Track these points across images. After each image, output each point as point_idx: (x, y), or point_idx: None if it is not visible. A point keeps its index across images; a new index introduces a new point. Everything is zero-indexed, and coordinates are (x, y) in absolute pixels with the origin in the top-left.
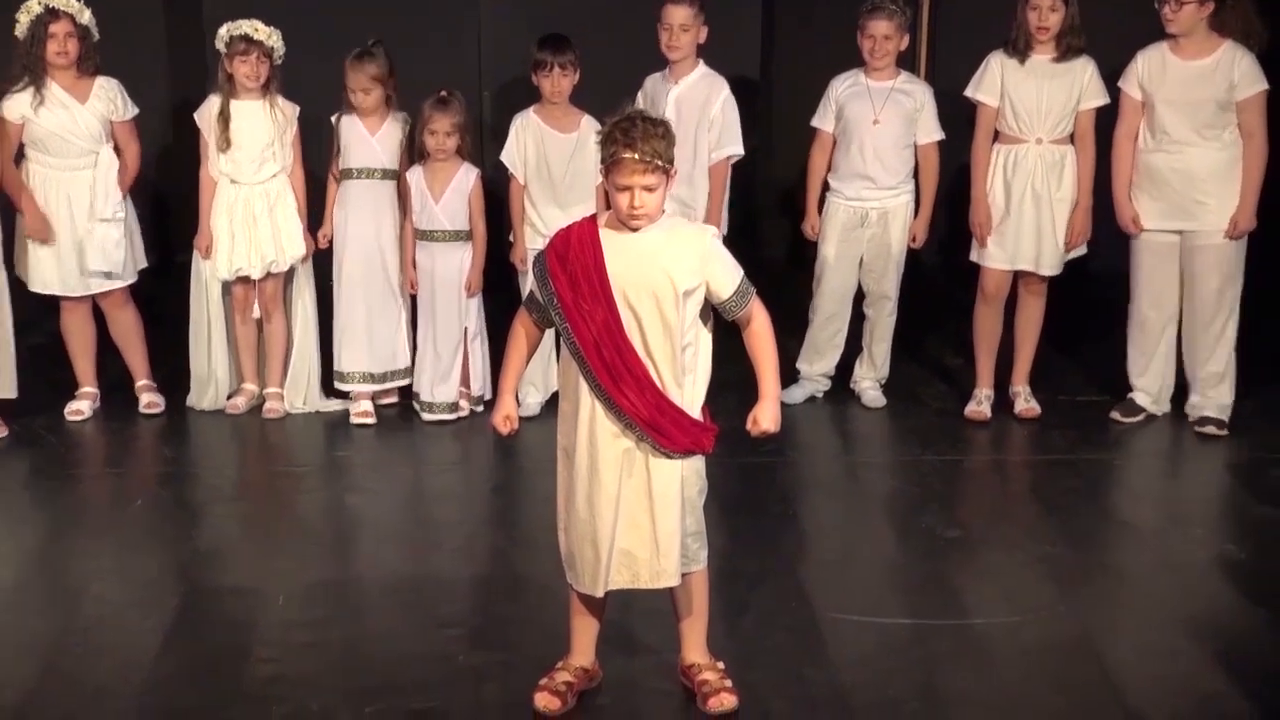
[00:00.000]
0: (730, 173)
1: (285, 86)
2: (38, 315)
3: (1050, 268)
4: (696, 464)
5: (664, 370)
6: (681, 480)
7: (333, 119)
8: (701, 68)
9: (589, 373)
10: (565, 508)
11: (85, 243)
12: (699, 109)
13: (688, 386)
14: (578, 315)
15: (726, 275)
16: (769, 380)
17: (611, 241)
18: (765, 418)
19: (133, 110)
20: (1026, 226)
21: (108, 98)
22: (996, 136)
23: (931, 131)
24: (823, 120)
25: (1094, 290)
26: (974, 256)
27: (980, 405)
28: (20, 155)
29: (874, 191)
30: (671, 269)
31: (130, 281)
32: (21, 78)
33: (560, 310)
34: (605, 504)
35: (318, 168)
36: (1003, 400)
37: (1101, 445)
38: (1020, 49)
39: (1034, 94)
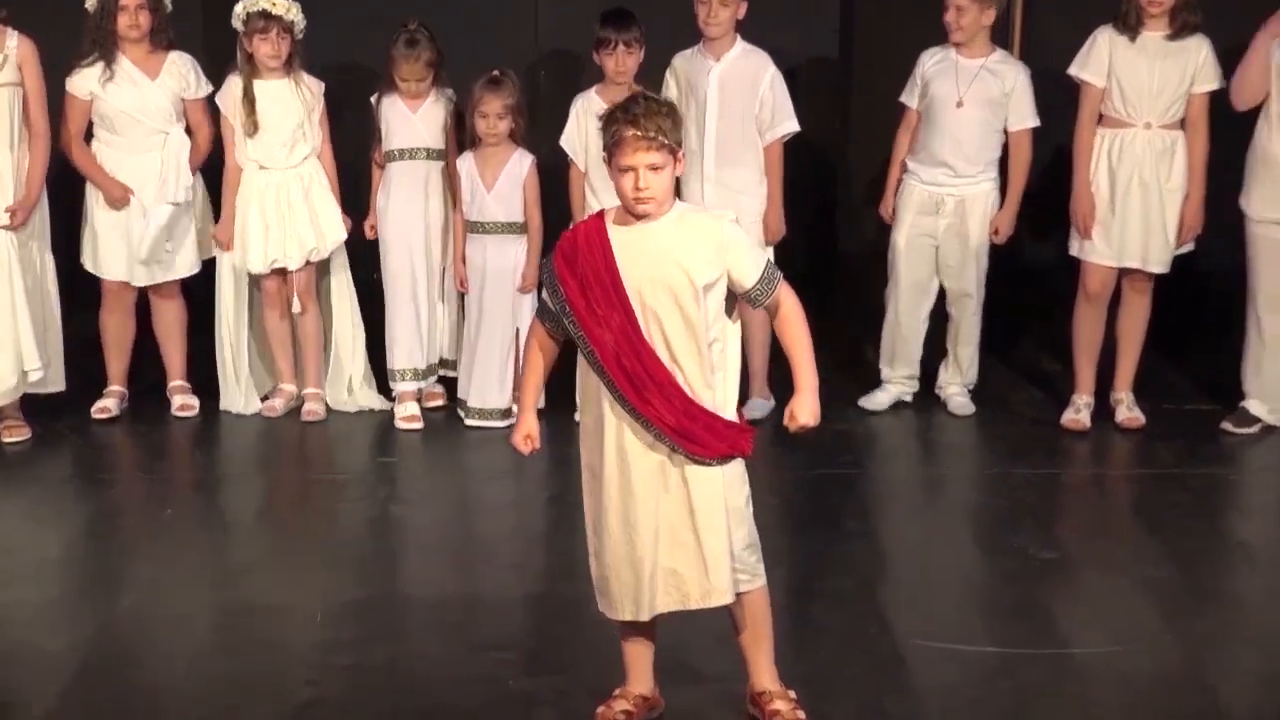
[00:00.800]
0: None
1: (308, 62)
2: (64, 310)
3: (1159, 264)
4: (738, 468)
5: (690, 373)
6: (724, 488)
7: (372, 100)
8: (741, 44)
9: (610, 384)
10: (595, 531)
11: (151, 228)
12: (746, 87)
13: (718, 386)
14: (592, 322)
15: (748, 262)
16: (804, 370)
17: (621, 238)
18: (803, 411)
19: (206, 88)
20: (1133, 219)
21: (180, 74)
22: (1100, 120)
23: (1025, 117)
24: (909, 97)
25: (1204, 288)
26: (1075, 251)
27: (1079, 414)
28: (88, 136)
29: (951, 178)
30: (687, 262)
31: (194, 271)
32: (91, 52)
33: (574, 318)
34: (643, 523)
35: (342, 150)
36: (1103, 408)
37: (1212, 458)
38: (1130, 25)
39: (1144, 74)
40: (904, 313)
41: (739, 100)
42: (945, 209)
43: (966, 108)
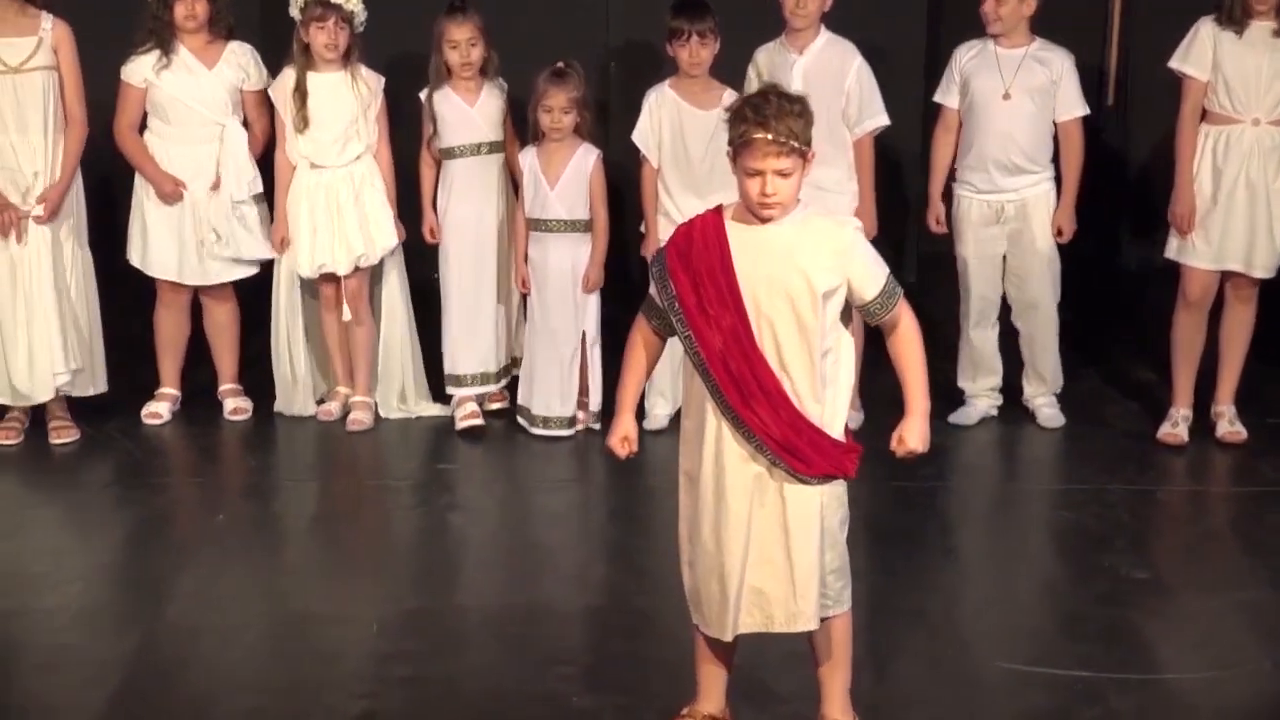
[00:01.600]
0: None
1: (368, 56)
2: (114, 309)
3: (1265, 269)
4: (837, 490)
5: (800, 384)
6: (821, 509)
7: (421, 96)
8: (825, 34)
9: (714, 388)
10: (689, 540)
11: (209, 226)
12: (832, 80)
13: (828, 401)
14: (702, 321)
15: (870, 274)
16: (917, 393)
17: (740, 236)
18: (913, 436)
19: (267, 79)
20: (1238, 220)
21: (239, 64)
22: (1205, 116)
23: (1073, 106)
24: (946, 95)
25: None
26: (1172, 254)
27: (1176, 427)
28: (142, 128)
29: (1009, 179)
30: (809, 267)
31: (252, 273)
32: (147, 41)
33: (682, 316)
34: (734, 536)
35: (404, 150)
36: (1202, 422)
37: None
38: (1235, 18)
39: (1251, 68)
40: (976, 328)
41: (824, 94)
42: (1006, 216)
43: (1014, 99)
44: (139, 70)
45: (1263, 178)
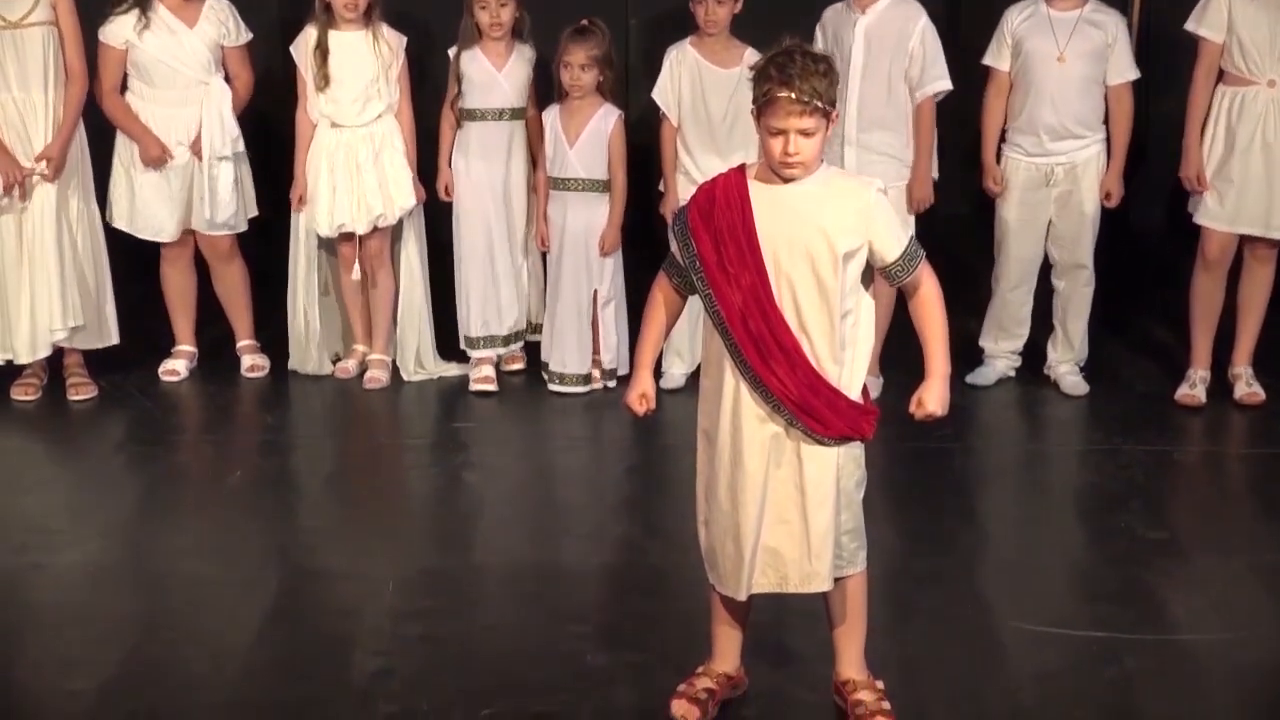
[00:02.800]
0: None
1: (390, 14)
2: (135, 267)
3: None
4: (854, 451)
5: (819, 344)
6: (837, 470)
7: (450, 53)
8: None
9: (734, 346)
10: (706, 498)
11: (195, 184)
12: (894, 41)
13: (846, 362)
14: (722, 279)
15: (892, 235)
16: (938, 356)
17: (761, 195)
18: (932, 399)
19: (246, 35)
20: (1254, 182)
21: (218, 20)
22: (1221, 78)
23: (1125, 70)
24: (997, 58)
25: None
26: (1195, 214)
27: (1194, 389)
28: (123, 89)
29: (1060, 143)
30: (830, 228)
31: (242, 229)
32: (124, 1)
33: (703, 275)
34: (750, 496)
35: (427, 111)
36: (1220, 383)
37: None
38: None
39: (1266, 29)
40: (1011, 289)
41: (886, 56)
42: (1056, 179)
43: (1069, 63)
44: (119, 31)
45: (1278, 140)
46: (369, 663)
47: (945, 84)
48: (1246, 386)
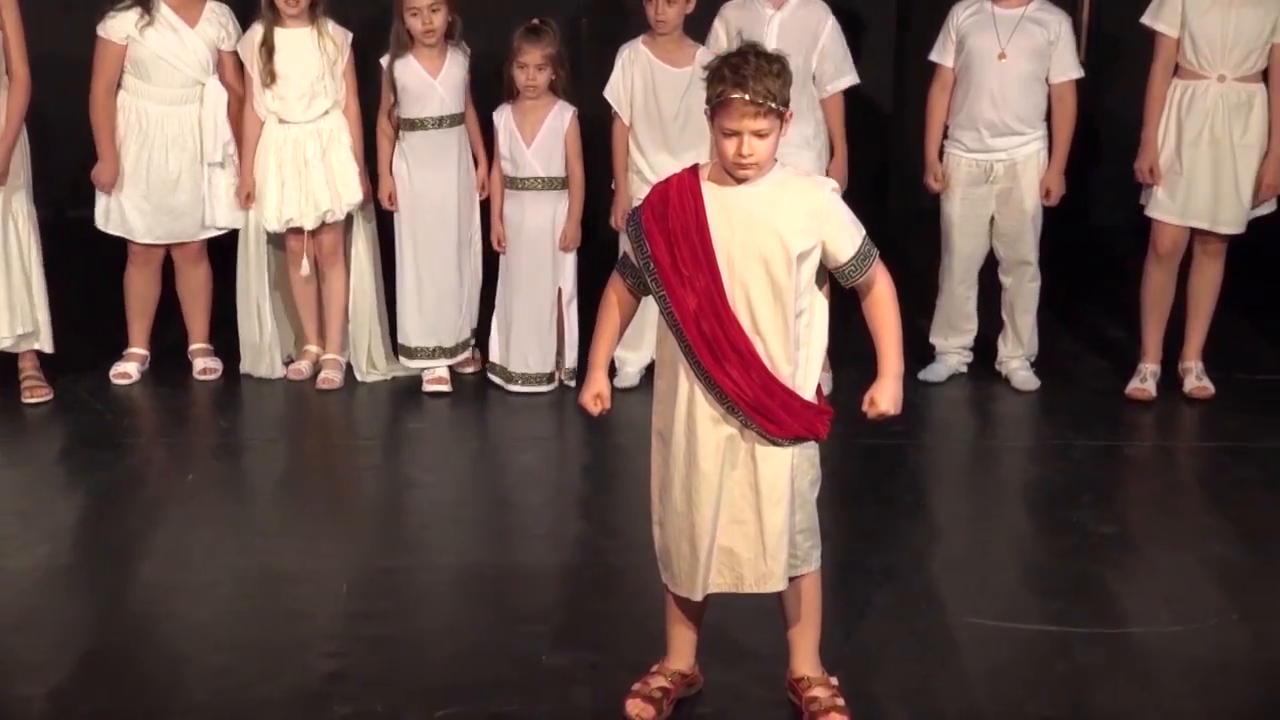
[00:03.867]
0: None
1: (334, 11)
2: (85, 267)
3: (1229, 225)
4: (809, 452)
5: (773, 345)
6: (792, 471)
7: (382, 62)
8: None
9: (688, 348)
10: (660, 499)
11: (183, 188)
12: (807, 38)
13: (800, 362)
14: (676, 281)
15: (846, 235)
16: (891, 355)
17: (715, 196)
18: (884, 398)
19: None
20: (1201, 176)
21: (219, 23)
22: (1176, 71)
23: (1068, 68)
24: (942, 54)
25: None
26: (1146, 207)
27: (1144, 383)
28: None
29: (999, 140)
30: (783, 229)
31: (237, 227)
32: None
33: (657, 276)
34: (705, 497)
35: (372, 106)
36: (1170, 378)
37: None
38: None
39: (1217, 24)
40: (959, 284)
41: (797, 51)
42: (996, 175)
43: (1010, 60)
44: (120, 27)
45: (1227, 134)
46: (324, 664)
47: (854, 78)
48: (1196, 380)
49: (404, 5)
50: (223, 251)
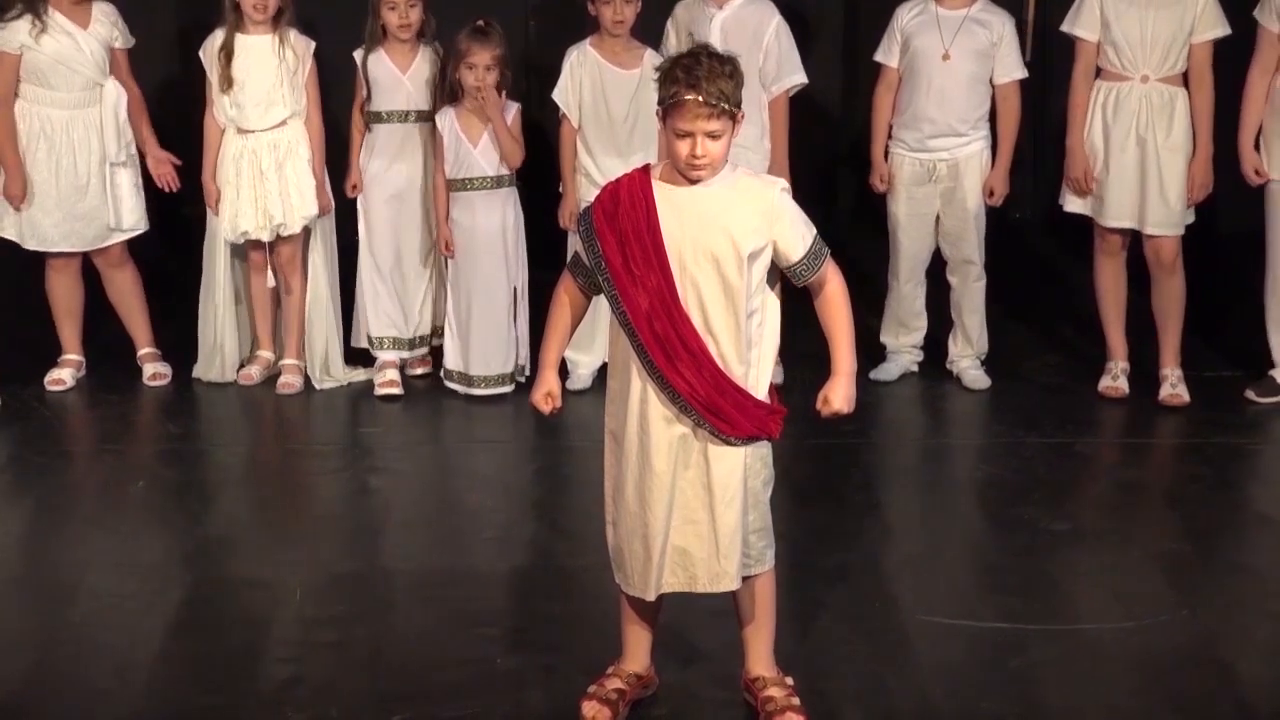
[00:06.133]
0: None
1: (300, 20)
2: (16, 273)
3: (1157, 226)
4: (762, 451)
5: (725, 345)
6: (745, 470)
7: (356, 55)
8: None
9: (640, 348)
10: (613, 499)
11: (92, 191)
12: (750, 37)
13: (753, 362)
14: (628, 281)
15: (796, 235)
16: (844, 354)
17: (666, 196)
18: (837, 397)
19: (130, 39)
20: (1128, 178)
21: (109, 23)
22: (1099, 74)
23: (1011, 69)
24: (887, 55)
25: (1227, 252)
26: (1068, 207)
27: (1116, 380)
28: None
29: (941, 140)
30: (734, 229)
31: (140, 232)
32: (14, 5)
33: (609, 276)
34: (658, 496)
35: (336, 116)
36: (1148, 379)
37: (1234, 428)
38: None
39: (1136, 24)
40: (906, 284)
41: (742, 50)
42: (939, 175)
43: (954, 61)
44: (13, 36)
45: (1152, 135)
46: (278, 670)
47: (801, 78)
48: (1170, 389)
49: (381, 0)
50: (156, 251)
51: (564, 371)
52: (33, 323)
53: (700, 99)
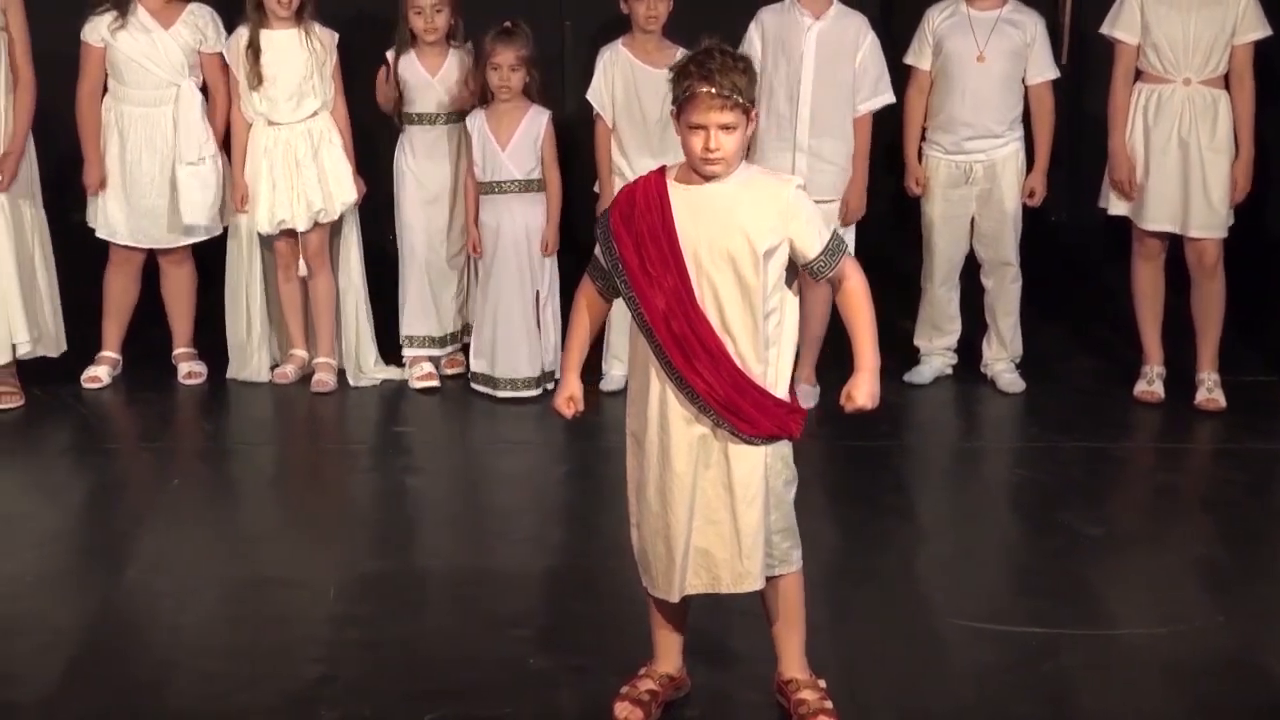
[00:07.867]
0: None
1: (327, 17)
2: (76, 269)
3: (1200, 229)
4: (782, 450)
5: (743, 344)
6: (765, 470)
7: (388, 55)
8: (838, 3)
9: (658, 349)
10: (636, 500)
11: (158, 190)
12: (845, 52)
13: (771, 360)
14: (645, 282)
15: (812, 232)
16: (866, 350)
17: (682, 197)
18: (861, 393)
19: (221, 44)
20: (1170, 181)
21: (196, 25)
22: (1139, 76)
23: (1045, 69)
24: (918, 58)
25: (1264, 256)
26: (1110, 208)
27: (1151, 385)
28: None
29: (977, 142)
30: (750, 227)
31: (213, 235)
32: (104, 1)
33: (626, 278)
34: (679, 497)
35: (358, 107)
36: (1185, 383)
37: (1270, 433)
38: None
39: (1178, 27)
40: (940, 286)
41: (837, 64)
42: (975, 176)
43: (988, 62)
44: (95, 30)
45: (1194, 138)
46: (311, 669)
47: (890, 97)
48: (1207, 393)
49: (409, 3)
50: (208, 254)
51: (599, 373)
52: (67, 319)
53: (713, 90)
